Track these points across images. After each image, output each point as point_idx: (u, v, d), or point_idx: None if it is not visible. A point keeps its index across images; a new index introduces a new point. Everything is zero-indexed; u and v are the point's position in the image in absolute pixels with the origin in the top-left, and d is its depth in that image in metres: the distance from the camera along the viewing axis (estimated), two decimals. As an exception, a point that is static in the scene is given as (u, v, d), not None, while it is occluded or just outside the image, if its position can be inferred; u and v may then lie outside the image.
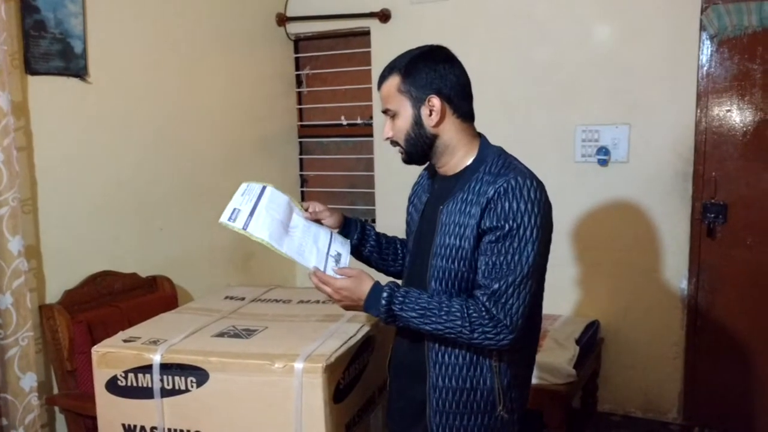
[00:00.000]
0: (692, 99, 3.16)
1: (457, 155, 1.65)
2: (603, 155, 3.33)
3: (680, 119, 3.19)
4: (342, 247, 1.78)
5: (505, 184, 1.52)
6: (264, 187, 1.79)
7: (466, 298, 1.56)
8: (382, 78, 1.66)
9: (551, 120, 3.44)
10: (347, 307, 1.65)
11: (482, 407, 1.62)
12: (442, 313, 1.54)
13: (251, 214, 1.69)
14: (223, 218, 1.66)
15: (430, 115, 1.60)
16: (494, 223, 1.52)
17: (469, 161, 1.64)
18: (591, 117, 3.36)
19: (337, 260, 1.72)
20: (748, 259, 3.15)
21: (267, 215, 1.70)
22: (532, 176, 1.57)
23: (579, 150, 3.40)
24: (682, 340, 3.32)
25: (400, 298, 1.57)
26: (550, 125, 3.45)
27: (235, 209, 1.69)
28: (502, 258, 1.51)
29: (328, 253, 1.72)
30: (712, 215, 3.18)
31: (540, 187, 1.56)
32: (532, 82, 3.47)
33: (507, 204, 1.51)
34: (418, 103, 1.61)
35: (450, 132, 1.63)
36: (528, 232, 1.51)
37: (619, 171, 3.34)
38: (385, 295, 1.57)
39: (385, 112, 1.67)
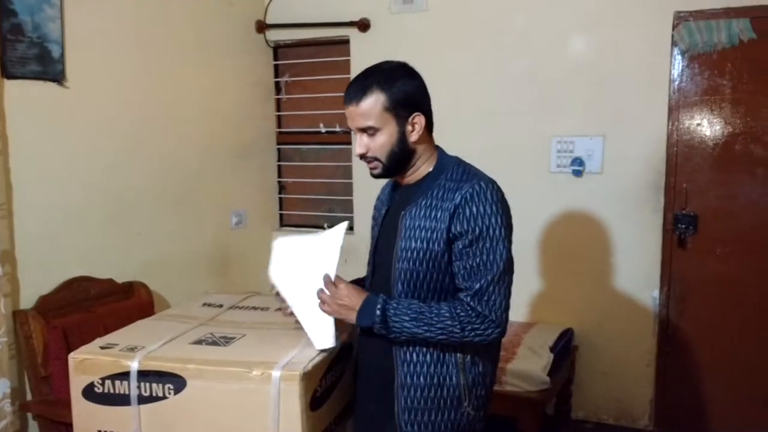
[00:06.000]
0: (664, 112, 3.23)
1: (421, 165, 1.73)
2: (578, 166, 3.39)
3: (653, 132, 3.26)
4: None
5: (470, 190, 1.61)
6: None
7: (452, 301, 1.63)
8: (359, 95, 1.66)
9: (528, 131, 3.49)
10: (339, 312, 1.69)
11: (449, 403, 1.68)
12: (433, 315, 1.61)
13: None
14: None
15: (413, 131, 1.67)
16: (465, 227, 1.60)
17: (430, 169, 1.72)
18: (566, 128, 3.42)
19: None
20: (718, 268, 3.22)
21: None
22: (492, 180, 1.67)
23: (554, 161, 3.45)
24: (654, 348, 3.39)
25: (394, 305, 1.64)
26: (527, 136, 3.49)
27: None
28: (478, 260, 1.60)
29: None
30: (683, 226, 3.25)
31: (499, 189, 1.67)
32: (509, 93, 3.51)
33: (474, 208, 1.60)
34: (402, 120, 1.66)
35: (423, 145, 1.72)
36: (497, 232, 1.60)
37: (594, 182, 3.39)
38: (379, 303, 1.64)
39: (364, 130, 1.67)
